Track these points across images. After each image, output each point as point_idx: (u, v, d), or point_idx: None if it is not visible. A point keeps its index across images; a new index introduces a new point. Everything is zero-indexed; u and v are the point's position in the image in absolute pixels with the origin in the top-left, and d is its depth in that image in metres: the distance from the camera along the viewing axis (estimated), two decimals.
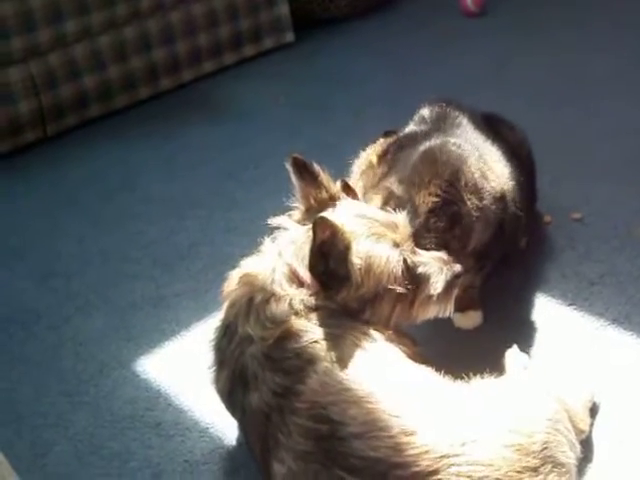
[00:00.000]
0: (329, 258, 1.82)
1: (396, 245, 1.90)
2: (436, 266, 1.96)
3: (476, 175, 2.19)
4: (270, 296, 1.86)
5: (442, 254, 2.00)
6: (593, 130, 3.28)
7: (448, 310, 2.00)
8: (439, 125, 2.41)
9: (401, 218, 1.97)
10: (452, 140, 2.28)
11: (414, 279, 1.92)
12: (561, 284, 2.50)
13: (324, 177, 1.99)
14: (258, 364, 1.81)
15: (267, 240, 2.02)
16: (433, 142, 2.26)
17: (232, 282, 1.99)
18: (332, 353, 1.77)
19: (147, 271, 2.83)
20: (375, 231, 1.89)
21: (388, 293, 1.88)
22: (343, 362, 1.75)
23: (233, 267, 2.05)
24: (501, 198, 2.25)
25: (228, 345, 1.90)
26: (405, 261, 1.89)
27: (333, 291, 1.85)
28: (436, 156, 2.20)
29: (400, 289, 1.88)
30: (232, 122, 3.76)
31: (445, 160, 2.18)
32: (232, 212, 3.08)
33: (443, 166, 2.16)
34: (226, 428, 2.16)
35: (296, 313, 1.82)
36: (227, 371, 1.90)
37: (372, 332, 1.85)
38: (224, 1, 4.18)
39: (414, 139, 2.32)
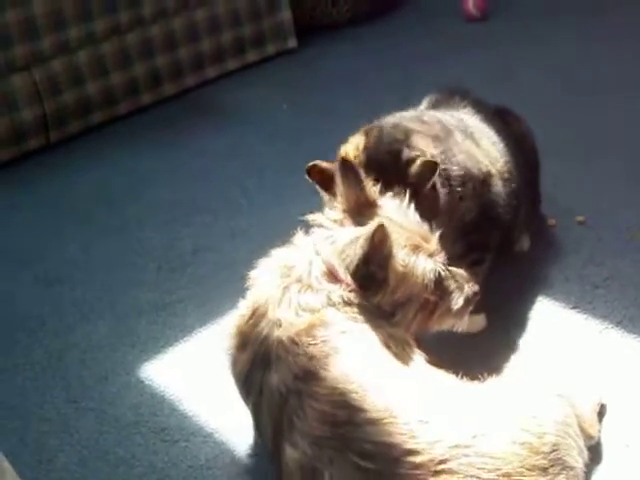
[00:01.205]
0: (370, 262, 1.87)
1: (430, 256, 1.96)
2: (459, 282, 2.03)
3: (454, 149, 2.24)
4: (307, 287, 1.89)
5: (465, 272, 2.06)
6: (597, 135, 3.28)
7: (462, 325, 2.07)
8: (436, 106, 2.50)
9: (430, 230, 2.02)
10: (432, 114, 2.35)
11: (440, 291, 1.99)
12: (565, 287, 2.50)
13: (368, 183, 2.02)
14: (283, 347, 1.82)
15: (300, 233, 2.03)
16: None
17: (264, 269, 2.00)
18: (358, 345, 1.81)
19: (152, 278, 2.83)
20: (413, 242, 1.95)
21: (416, 300, 1.94)
22: (368, 354, 1.80)
23: (237, 273, 2.06)
24: (485, 178, 2.28)
25: (253, 328, 1.90)
26: (437, 272, 1.96)
27: (369, 292, 1.90)
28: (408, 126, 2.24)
29: (429, 296, 1.95)
30: (235, 128, 3.76)
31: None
32: (236, 218, 3.08)
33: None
34: (230, 433, 2.16)
35: (332, 305, 1.86)
36: (249, 352, 1.90)
37: (397, 332, 1.89)
38: (227, 7, 4.20)
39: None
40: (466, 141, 2.30)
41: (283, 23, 4.40)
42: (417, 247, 1.94)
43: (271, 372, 1.83)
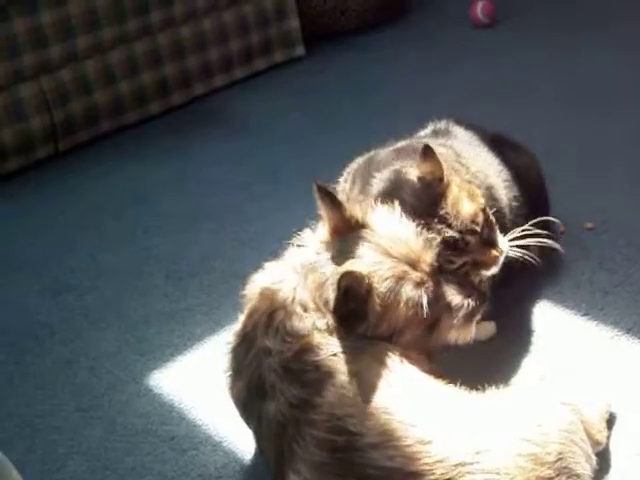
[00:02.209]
0: (349, 301, 1.82)
1: (417, 285, 1.88)
2: (459, 297, 1.96)
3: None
4: (292, 314, 1.86)
5: (468, 282, 2.02)
6: (606, 140, 3.27)
7: (468, 337, 2.00)
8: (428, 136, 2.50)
9: (425, 247, 1.95)
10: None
11: (435, 311, 1.92)
12: (575, 294, 2.49)
13: (347, 206, 1.98)
14: (276, 375, 1.81)
15: (291, 249, 2.01)
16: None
17: (253, 289, 1.99)
18: (350, 366, 1.77)
19: (159, 286, 2.83)
20: (397, 272, 1.87)
21: (409, 327, 1.89)
22: (361, 375, 1.76)
23: (245, 281, 2.04)
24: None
25: (246, 354, 1.89)
26: (424, 302, 1.88)
27: (350, 328, 1.84)
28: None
29: (419, 327, 1.89)
30: (243, 136, 3.77)
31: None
32: (244, 226, 3.08)
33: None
34: (240, 441, 2.15)
35: (318, 330, 1.83)
36: (244, 380, 1.89)
37: (389, 348, 1.85)
38: (234, 15, 4.21)
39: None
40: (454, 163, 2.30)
41: (291, 31, 4.41)
42: (401, 278, 1.86)
43: (267, 401, 1.81)
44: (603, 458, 1.91)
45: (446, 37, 4.51)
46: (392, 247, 1.91)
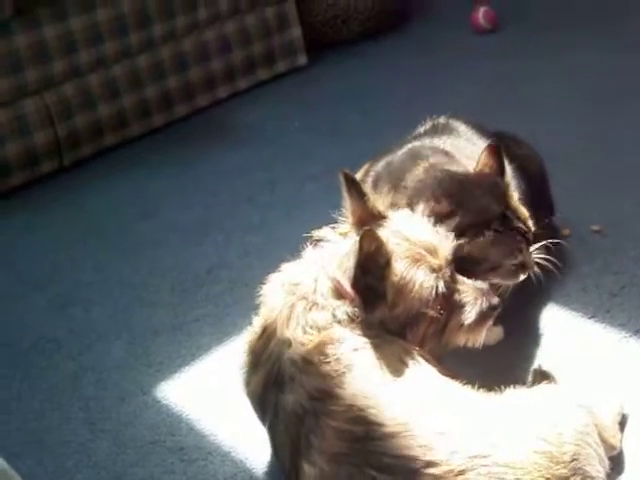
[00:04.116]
0: (368, 274, 1.85)
1: (433, 270, 1.90)
2: (472, 296, 1.96)
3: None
4: (312, 305, 1.88)
5: (483, 284, 2.01)
6: (611, 142, 3.27)
7: (478, 341, 2.00)
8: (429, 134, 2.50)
9: (444, 242, 1.97)
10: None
11: (448, 305, 1.93)
12: (582, 297, 2.49)
13: (371, 198, 2.01)
14: (296, 368, 1.82)
15: (309, 248, 2.03)
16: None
17: (272, 286, 2.00)
18: (371, 360, 1.80)
19: (166, 298, 2.83)
20: (413, 254, 1.89)
21: (422, 316, 1.89)
22: (381, 369, 1.79)
23: (251, 290, 2.05)
24: None
25: (264, 348, 1.90)
26: (439, 287, 1.89)
27: (370, 307, 1.87)
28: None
29: (432, 313, 1.89)
30: (248, 146, 3.77)
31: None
32: (249, 236, 3.08)
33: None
34: (248, 451, 2.15)
35: (338, 322, 1.85)
36: (261, 373, 1.90)
37: (408, 346, 1.87)
38: (236, 26, 4.21)
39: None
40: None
41: (293, 40, 4.41)
42: (418, 260, 1.89)
43: (285, 393, 1.82)
44: (616, 460, 1.91)
45: (447, 43, 4.50)
46: (411, 235, 1.94)
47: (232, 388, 2.17)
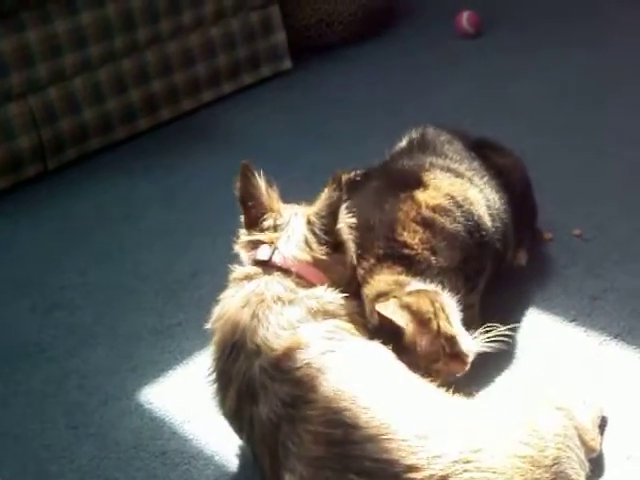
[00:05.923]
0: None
1: None
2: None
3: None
4: (271, 309, 1.90)
5: None
6: (592, 149, 3.28)
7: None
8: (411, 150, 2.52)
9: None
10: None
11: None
12: (563, 300, 2.50)
13: (270, 190, 2.21)
14: (267, 375, 1.82)
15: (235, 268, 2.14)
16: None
17: (224, 308, 2.02)
18: (344, 363, 1.80)
19: (150, 301, 2.83)
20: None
21: None
22: (356, 371, 1.79)
23: None
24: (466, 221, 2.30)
25: (234, 363, 1.90)
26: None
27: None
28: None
29: None
30: (232, 150, 3.76)
31: None
32: (233, 240, 3.07)
33: None
34: (231, 455, 2.16)
35: (300, 321, 1.87)
36: (234, 389, 1.90)
37: (381, 347, 1.89)
38: (221, 30, 4.21)
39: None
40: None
41: (277, 45, 4.41)
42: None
43: (259, 404, 1.82)
44: (595, 463, 1.92)
45: (432, 47, 4.51)
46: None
47: (213, 399, 2.18)
